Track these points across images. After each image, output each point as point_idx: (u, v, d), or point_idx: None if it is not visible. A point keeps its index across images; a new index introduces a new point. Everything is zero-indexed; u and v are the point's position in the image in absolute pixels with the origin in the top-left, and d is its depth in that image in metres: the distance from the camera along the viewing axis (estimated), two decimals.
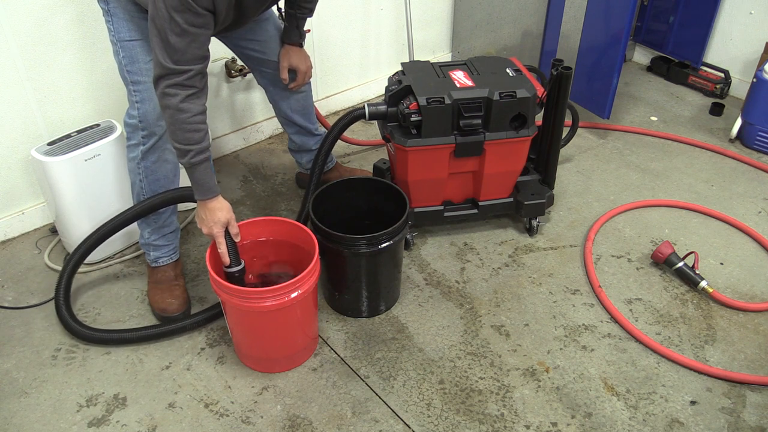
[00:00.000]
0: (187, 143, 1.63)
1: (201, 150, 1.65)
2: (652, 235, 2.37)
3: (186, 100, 1.58)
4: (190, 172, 1.68)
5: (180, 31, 1.50)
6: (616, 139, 2.93)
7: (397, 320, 2.03)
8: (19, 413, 1.74)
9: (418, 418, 1.73)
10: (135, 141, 1.87)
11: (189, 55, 1.54)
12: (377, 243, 1.85)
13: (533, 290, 2.13)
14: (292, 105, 2.28)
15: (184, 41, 1.52)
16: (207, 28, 1.56)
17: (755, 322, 2.02)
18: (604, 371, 1.86)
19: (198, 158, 1.65)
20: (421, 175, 2.15)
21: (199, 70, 1.58)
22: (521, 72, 2.18)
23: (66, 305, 1.93)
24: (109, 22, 1.77)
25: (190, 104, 1.59)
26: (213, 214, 1.73)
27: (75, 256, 1.96)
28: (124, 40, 1.76)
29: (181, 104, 1.58)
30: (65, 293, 1.95)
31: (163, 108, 1.61)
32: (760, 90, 2.75)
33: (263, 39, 2.08)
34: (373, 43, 3.07)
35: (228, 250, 1.75)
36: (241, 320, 1.78)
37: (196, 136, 1.63)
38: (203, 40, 1.57)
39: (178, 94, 1.57)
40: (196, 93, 1.60)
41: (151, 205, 1.93)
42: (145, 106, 1.81)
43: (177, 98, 1.57)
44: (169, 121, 1.62)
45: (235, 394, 1.80)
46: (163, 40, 1.51)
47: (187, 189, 1.84)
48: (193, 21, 1.51)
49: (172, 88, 1.56)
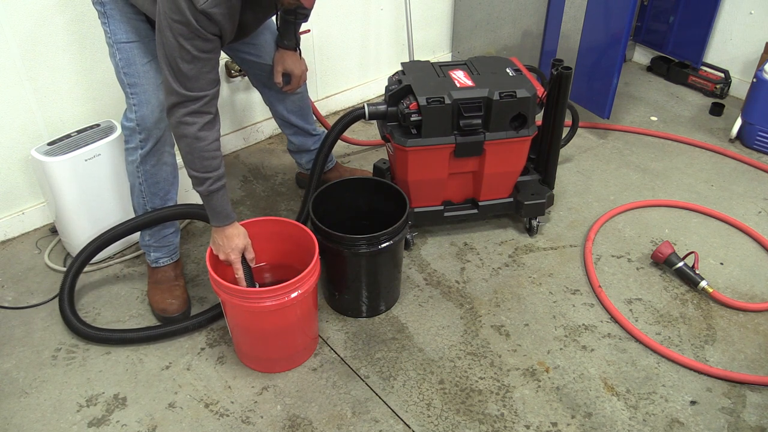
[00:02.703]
0: (205, 171, 1.63)
1: (219, 177, 1.66)
2: (652, 235, 2.37)
3: (203, 128, 1.59)
4: (208, 199, 1.69)
5: (191, 58, 1.51)
6: (616, 139, 2.93)
7: (397, 320, 2.03)
8: (19, 413, 1.74)
9: (418, 418, 1.73)
10: (133, 144, 1.86)
11: (202, 81, 1.55)
12: (377, 243, 1.85)
13: (533, 290, 2.13)
14: (288, 106, 2.28)
15: (196, 67, 1.52)
16: (216, 53, 1.57)
17: (755, 322, 2.02)
18: (604, 371, 1.86)
19: (216, 185, 1.66)
20: (421, 175, 2.15)
21: (213, 94, 1.59)
22: (521, 72, 2.18)
23: (70, 305, 1.94)
24: (105, 24, 1.77)
25: (207, 132, 1.60)
26: (230, 241, 1.73)
27: (81, 257, 1.98)
28: (120, 42, 1.76)
29: (200, 132, 1.58)
30: (69, 293, 1.96)
31: (180, 137, 1.61)
32: (760, 90, 2.75)
33: (258, 43, 2.08)
34: (373, 43, 3.07)
35: (244, 275, 1.76)
36: (241, 320, 1.78)
37: (214, 163, 1.64)
38: (213, 63, 1.57)
39: (195, 123, 1.57)
40: (212, 120, 1.61)
41: (160, 217, 1.96)
42: (142, 109, 1.80)
43: (195, 127, 1.57)
44: (186, 150, 1.62)
45: (235, 394, 1.80)
46: (174, 69, 1.52)
47: (200, 207, 1.87)
48: (202, 47, 1.51)
49: (190, 117, 1.56)
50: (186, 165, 1.66)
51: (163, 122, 1.84)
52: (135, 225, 1.98)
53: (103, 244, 1.99)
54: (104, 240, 1.99)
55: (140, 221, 1.97)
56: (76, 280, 1.99)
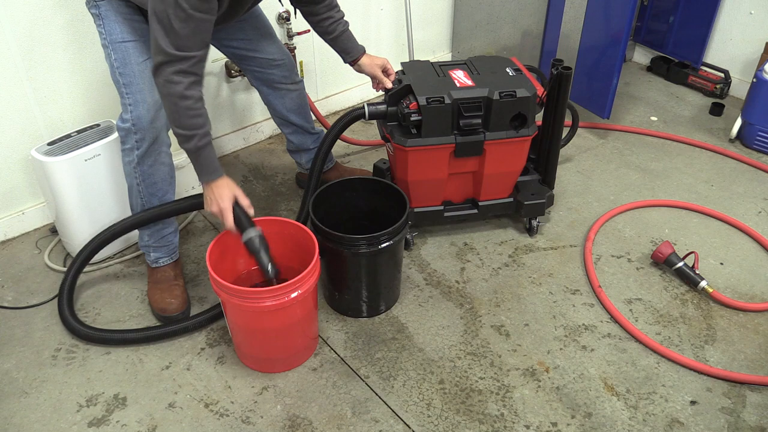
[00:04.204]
0: (191, 128, 1.65)
1: (205, 133, 1.68)
2: (652, 235, 2.37)
3: (190, 87, 1.60)
4: (195, 156, 1.70)
5: (185, 17, 1.51)
6: (616, 139, 2.93)
7: (397, 320, 2.03)
8: (19, 413, 1.74)
9: (418, 418, 1.73)
10: (129, 145, 1.86)
11: (193, 41, 1.55)
12: (377, 243, 1.85)
13: (533, 290, 2.13)
14: (287, 104, 2.28)
15: (189, 27, 1.53)
16: (211, 14, 1.58)
17: (755, 322, 2.02)
18: (604, 371, 1.86)
19: (203, 141, 1.68)
20: (421, 175, 2.15)
21: (201, 56, 1.60)
22: (521, 72, 2.18)
23: (69, 306, 1.95)
24: (100, 26, 1.77)
25: (193, 91, 1.61)
26: (220, 191, 1.74)
27: (81, 256, 1.98)
28: (116, 41, 1.76)
29: (186, 91, 1.59)
30: (69, 294, 1.96)
31: (165, 96, 1.62)
32: (760, 90, 2.75)
33: (252, 37, 2.09)
34: (373, 43, 3.06)
35: (241, 217, 1.76)
36: (241, 320, 1.78)
37: (199, 121, 1.65)
38: (207, 26, 1.58)
39: (182, 82, 1.58)
40: (198, 81, 1.63)
41: (162, 212, 1.96)
42: (138, 109, 1.80)
43: (181, 86, 1.58)
44: (172, 108, 1.63)
45: (235, 394, 1.80)
46: (167, 27, 1.52)
47: (198, 197, 1.88)
48: (198, 6, 1.52)
49: (177, 75, 1.57)
50: (172, 124, 1.67)
51: (158, 121, 1.84)
52: (133, 222, 1.97)
53: (102, 242, 1.99)
54: (104, 238, 1.98)
55: (145, 216, 1.96)
56: (76, 279, 2.00)
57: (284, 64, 2.18)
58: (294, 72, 2.25)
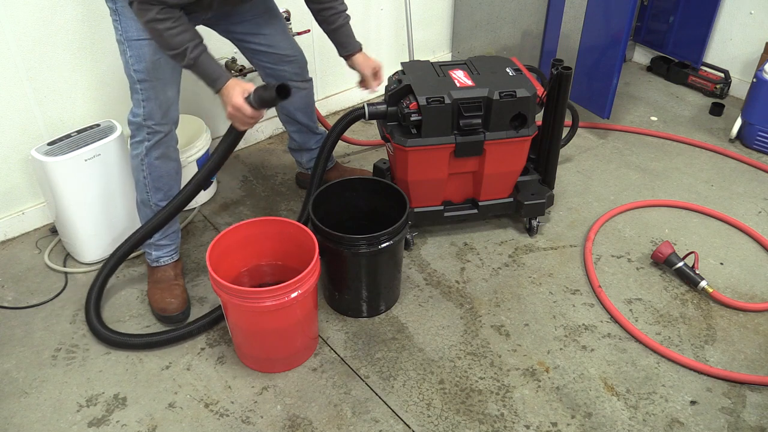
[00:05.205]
0: (181, 44, 1.66)
1: (197, 43, 1.69)
2: (652, 235, 2.37)
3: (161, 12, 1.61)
4: (196, 67, 1.71)
5: None
6: (616, 139, 2.93)
7: (397, 320, 2.03)
8: (19, 413, 1.74)
9: (418, 418, 1.73)
10: (139, 138, 1.88)
11: None
12: (377, 243, 1.85)
13: (533, 290, 2.13)
14: (296, 102, 2.27)
15: None
16: None
17: (755, 322, 2.02)
18: (604, 371, 1.86)
19: (197, 50, 1.68)
20: (421, 175, 2.15)
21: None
22: (521, 72, 2.18)
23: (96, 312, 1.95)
24: (116, 21, 1.77)
25: (166, 15, 1.62)
26: (229, 92, 1.73)
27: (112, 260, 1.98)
28: (132, 39, 1.77)
29: (158, 15, 1.61)
30: (96, 300, 1.97)
31: (144, 24, 1.64)
32: (760, 90, 2.75)
33: (269, 33, 2.08)
34: (373, 43, 3.06)
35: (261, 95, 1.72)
36: (241, 320, 1.78)
37: (186, 36, 1.66)
38: None
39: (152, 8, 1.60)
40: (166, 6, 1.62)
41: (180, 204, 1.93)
42: (150, 104, 1.82)
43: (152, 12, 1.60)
44: (154, 34, 1.65)
45: (235, 394, 1.80)
46: None
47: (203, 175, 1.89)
48: None
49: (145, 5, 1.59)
50: (163, 49, 1.69)
51: (169, 118, 1.85)
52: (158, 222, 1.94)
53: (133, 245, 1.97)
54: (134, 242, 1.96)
55: (167, 211, 1.93)
56: (104, 286, 2.01)
57: (296, 60, 2.18)
58: (305, 70, 2.24)
